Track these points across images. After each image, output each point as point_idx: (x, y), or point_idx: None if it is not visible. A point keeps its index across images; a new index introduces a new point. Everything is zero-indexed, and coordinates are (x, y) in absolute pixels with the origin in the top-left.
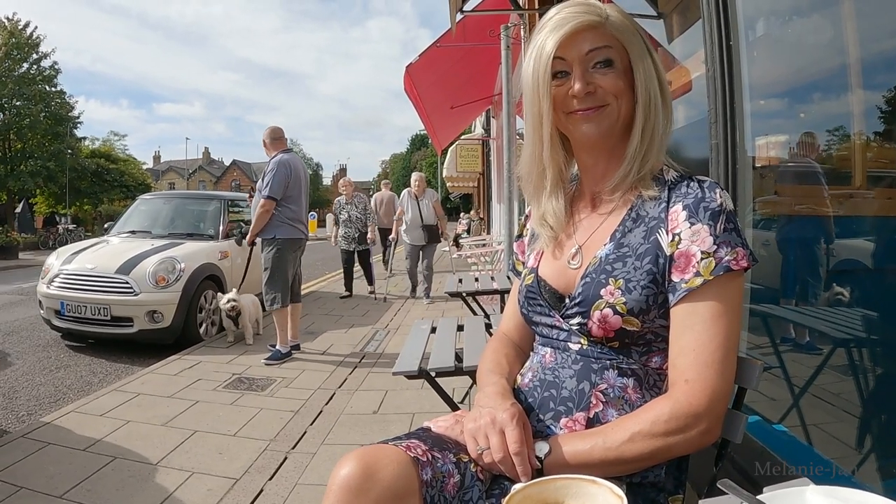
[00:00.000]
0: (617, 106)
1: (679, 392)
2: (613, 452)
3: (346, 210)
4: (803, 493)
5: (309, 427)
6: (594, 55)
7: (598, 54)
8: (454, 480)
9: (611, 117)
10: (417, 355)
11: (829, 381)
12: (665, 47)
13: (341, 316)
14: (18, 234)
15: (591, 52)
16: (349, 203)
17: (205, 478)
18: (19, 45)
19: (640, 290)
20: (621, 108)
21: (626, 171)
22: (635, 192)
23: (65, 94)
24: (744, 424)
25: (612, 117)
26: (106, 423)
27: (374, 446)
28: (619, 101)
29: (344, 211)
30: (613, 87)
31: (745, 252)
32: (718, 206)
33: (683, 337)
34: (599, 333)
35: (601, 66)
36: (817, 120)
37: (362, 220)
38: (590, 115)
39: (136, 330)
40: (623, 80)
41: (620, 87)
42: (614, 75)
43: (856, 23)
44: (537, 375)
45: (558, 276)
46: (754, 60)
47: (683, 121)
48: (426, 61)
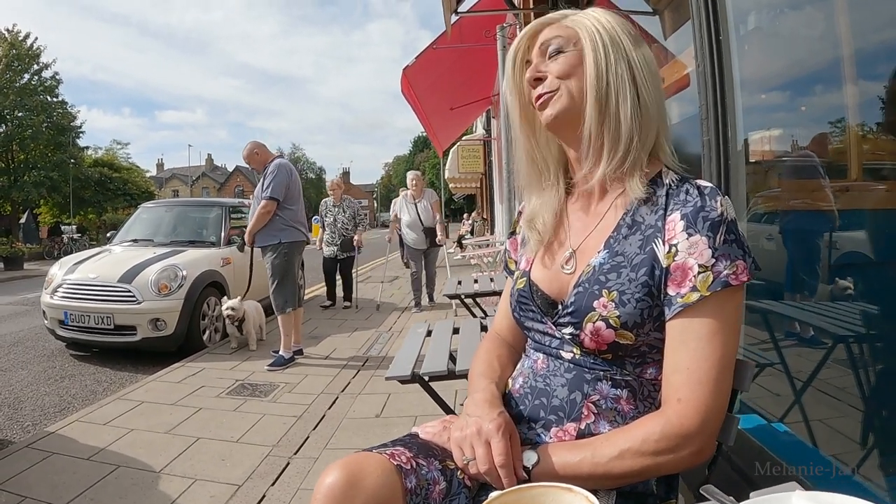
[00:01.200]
0: (567, 88)
1: (671, 411)
2: (602, 468)
3: (333, 213)
4: (788, 499)
5: (311, 432)
6: (546, 46)
7: (549, 44)
8: (440, 487)
9: (562, 100)
10: (412, 359)
11: (831, 377)
12: (662, 43)
13: (345, 320)
14: (23, 245)
15: (543, 44)
16: (337, 206)
17: (208, 484)
18: (20, 56)
19: (635, 303)
20: (572, 90)
21: (587, 155)
22: (621, 188)
23: (66, 103)
24: (736, 427)
25: (563, 100)
26: (110, 432)
27: (359, 454)
28: (567, 83)
29: (330, 214)
30: (559, 71)
31: (746, 264)
32: (718, 216)
33: (678, 354)
34: (592, 346)
35: (553, 54)
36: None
37: (349, 226)
38: (543, 99)
39: (140, 338)
40: (573, 62)
41: (567, 69)
42: (563, 60)
43: (848, 15)
44: (528, 382)
45: (551, 281)
46: (745, 55)
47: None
48: (423, 63)
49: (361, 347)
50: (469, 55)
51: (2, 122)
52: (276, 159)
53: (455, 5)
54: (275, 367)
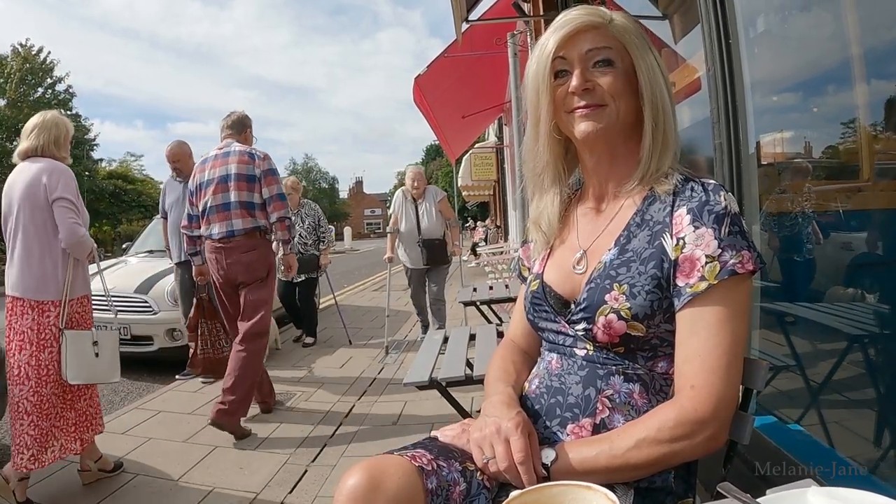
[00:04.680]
0: (616, 107)
1: (685, 398)
2: (619, 459)
3: None
4: (804, 495)
5: (329, 440)
6: (594, 54)
7: (597, 54)
8: (460, 489)
9: (610, 117)
10: (429, 366)
11: (846, 377)
12: (672, 47)
13: (359, 328)
14: None
15: (590, 51)
16: (295, 214)
17: (226, 493)
18: (33, 70)
19: (645, 295)
20: (620, 109)
21: (643, 171)
22: (643, 194)
23: (80, 117)
24: (751, 425)
25: (611, 117)
26: (128, 441)
27: (380, 457)
28: (617, 102)
29: None
30: (611, 87)
31: (752, 255)
32: (723, 209)
33: (689, 343)
34: (604, 339)
35: (601, 65)
36: (822, 114)
37: (308, 240)
38: (588, 112)
39: (157, 348)
40: (622, 81)
41: (619, 88)
42: (613, 75)
43: (857, 15)
44: (544, 382)
45: (563, 281)
46: (755, 57)
47: (694, 120)
48: (435, 72)
49: (377, 355)
50: (480, 63)
51: (16, 136)
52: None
53: (465, 13)
54: None
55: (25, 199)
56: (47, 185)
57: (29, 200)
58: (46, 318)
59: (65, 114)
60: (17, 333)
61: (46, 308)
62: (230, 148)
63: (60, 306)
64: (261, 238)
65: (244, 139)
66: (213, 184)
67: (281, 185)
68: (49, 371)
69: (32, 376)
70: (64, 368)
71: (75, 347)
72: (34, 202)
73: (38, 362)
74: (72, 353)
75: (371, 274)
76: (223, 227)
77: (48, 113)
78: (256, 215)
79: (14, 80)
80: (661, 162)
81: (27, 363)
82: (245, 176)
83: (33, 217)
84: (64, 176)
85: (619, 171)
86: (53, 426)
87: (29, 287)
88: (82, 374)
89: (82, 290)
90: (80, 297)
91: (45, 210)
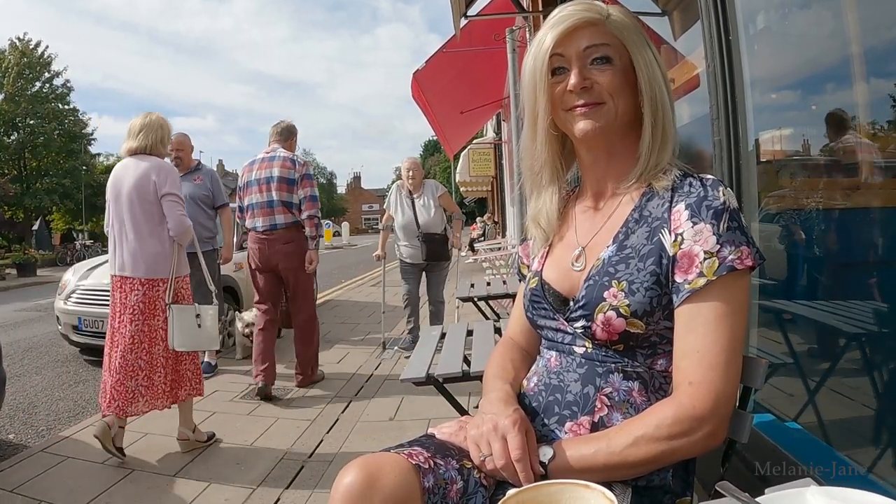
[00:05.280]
0: (614, 105)
1: (683, 395)
2: (617, 457)
3: None
4: (803, 494)
5: (325, 435)
6: (592, 51)
7: (596, 51)
8: (457, 487)
9: (608, 115)
10: (426, 362)
11: (845, 376)
12: (671, 44)
13: (357, 324)
14: (36, 252)
15: (588, 48)
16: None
17: (222, 488)
18: (31, 64)
19: (644, 291)
20: (618, 107)
21: (642, 168)
22: (641, 190)
23: (78, 111)
24: (750, 424)
25: (609, 115)
26: (126, 436)
27: (377, 454)
28: (615, 100)
29: None
30: (610, 85)
31: (750, 250)
32: (721, 205)
33: (687, 339)
34: (603, 336)
35: (599, 62)
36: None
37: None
38: (586, 110)
39: None
40: (621, 78)
41: (617, 86)
42: (612, 73)
43: (857, 13)
44: (542, 379)
45: (562, 278)
46: (755, 54)
47: (693, 117)
48: (433, 67)
49: (374, 351)
50: (479, 59)
51: (14, 130)
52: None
53: (464, 9)
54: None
55: (135, 192)
56: (157, 181)
57: (139, 194)
58: (156, 293)
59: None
60: (127, 308)
61: (156, 285)
62: (276, 153)
63: (167, 284)
64: (298, 231)
65: (289, 146)
66: (259, 183)
67: (314, 189)
68: (158, 337)
69: (145, 341)
70: (171, 337)
71: (181, 319)
72: (143, 196)
73: (151, 329)
74: (178, 325)
75: (368, 269)
76: (267, 221)
77: (152, 114)
78: (294, 212)
79: (12, 74)
80: (660, 158)
81: (140, 330)
82: (286, 179)
83: (143, 208)
84: (171, 174)
85: (618, 168)
86: (160, 382)
87: (140, 268)
88: (187, 342)
89: (184, 270)
90: (183, 276)
91: (154, 203)
